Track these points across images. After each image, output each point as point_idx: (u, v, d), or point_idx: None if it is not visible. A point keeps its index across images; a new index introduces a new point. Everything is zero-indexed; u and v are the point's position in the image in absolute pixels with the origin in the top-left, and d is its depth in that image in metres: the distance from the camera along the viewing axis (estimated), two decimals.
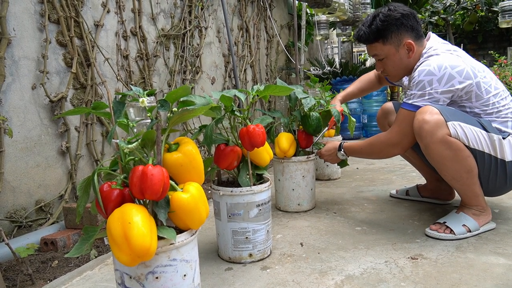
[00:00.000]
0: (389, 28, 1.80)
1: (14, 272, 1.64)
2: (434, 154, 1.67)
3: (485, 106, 1.73)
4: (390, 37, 1.81)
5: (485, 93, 1.72)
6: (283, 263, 1.56)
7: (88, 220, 1.91)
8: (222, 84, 3.84)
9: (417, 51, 1.83)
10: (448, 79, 1.67)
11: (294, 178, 2.15)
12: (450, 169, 1.68)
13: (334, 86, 4.91)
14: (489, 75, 1.78)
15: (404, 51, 1.83)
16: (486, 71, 1.78)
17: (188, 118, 1.13)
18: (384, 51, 1.85)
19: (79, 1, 2.30)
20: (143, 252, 0.91)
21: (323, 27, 5.27)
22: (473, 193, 1.72)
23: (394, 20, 1.79)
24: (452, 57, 1.71)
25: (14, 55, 1.97)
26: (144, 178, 0.95)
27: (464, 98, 1.73)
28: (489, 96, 1.72)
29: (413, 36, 1.82)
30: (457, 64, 1.68)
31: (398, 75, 1.94)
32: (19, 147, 1.99)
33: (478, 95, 1.72)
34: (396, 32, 1.80)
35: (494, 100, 1.73)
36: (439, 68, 1.67)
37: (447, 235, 1.70)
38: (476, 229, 1.72)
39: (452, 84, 1.67)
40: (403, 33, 1.80)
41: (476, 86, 1.70)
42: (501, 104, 1.73)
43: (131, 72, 2.69)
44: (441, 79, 1.67)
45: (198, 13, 3.40)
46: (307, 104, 2.04)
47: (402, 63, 1.86)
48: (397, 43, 1.82)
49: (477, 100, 1.72)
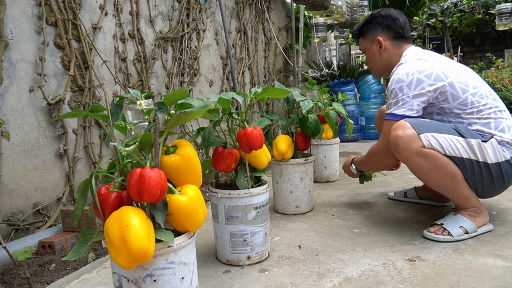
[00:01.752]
0: (367, 25, 2.06)
1: (11, 275, 1.63)
2: (413, 166, 1.73)
3: (463, 105, 1.76)
4: (367, 33, 2.06)
5: (462, 92, 1.76)
6: (281, 265, 1.56)
7: (86, 223, 1.90)
8: (220, 87, 3.84)
9: (391, 50, 2.00)
10: (417, 83, 1.76)
11: (292, 181, 2.16)
12: (432, 178, 1.72)
13: (332, 89, 4.91)
14: (466, 75, 1.81)
15: (376, 47, 2.03)
16: (463, 71, 1.83)
17: (186, 120, 1.13)
18: (363, 45, 2.11)
19: (77, 4, 2.30)
20: (141, 255, 0.91)
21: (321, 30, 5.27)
22: (463, 197, 1.74)
23: (372, 19, 2.04)
24: (420, 63, 1.81)
25: (12, 57, 1.97)
26: (141, 181, 0.95)
27: (441, 99, 1.79)
28: (466, 95, 1.76)
29: (388, 36, 2.00)
30: (424, 69, 1.77)
31: (376, 70, 2.11)
32: (16, 150, 1.99)
33: (454, 95, 1.76)
34: (372, 29, 2.04)
35: (473, 99, 1.76)
36: (406, 75, 1.78)
37: (445, 237, 1.70)
38: (473, 230, 1.73)
39: (422, 87, 1.76)
40: (377, 31, 2.02)
41: (450, 86, 1.76)
42: (481, 103, 1.76)
43: (129, 74, 2.69)
44: (410, 84, 1.76)
45: (196, 16, 3.41)
46: (305, 107, 2.04)
47: (375, 58, 2.05)
48: (371, 38, 2.04)
49: (454, 99, 1.77)
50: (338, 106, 2.49)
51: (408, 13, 5.92)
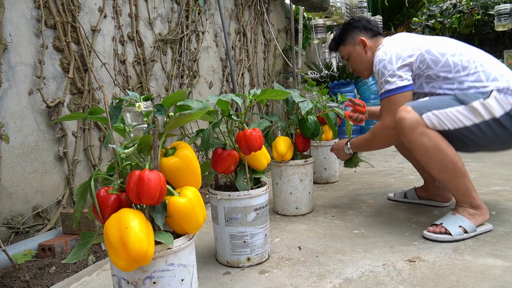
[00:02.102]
0: (345, 32, 2.16)
1: (11, 278, 1.63)
2: (417, 147, 1.75)
3: (446, 67, 1.81)
4: (347, 38, 2.15)
5: (440, 56, 1.83)
6: (281, 267, 1.55)
7: (86, 226, 1.90)
8: (219, 88, 3.85)
9: (373, 46, 2.09)
10: (397, 57, 1.86)
11: (292, 182, 2.16)
12: (435, 160, 1.74)
13: (332, 90, 4.91)
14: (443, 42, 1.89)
15: (360, 47, 2.12)
16: (440, 40, 1.91)
17: (185, 122, 1.13)
18: (346, 51, 2.18)
19: (76, 6, 2.30)
20: (140, 257, 0.91)
21: (320, 31, 5.27)
22: (464, 187, 1.75)
23: (348, 25, 2.16)
24: (395, 42, 1.94)
25: (11, 60, 1.97)
26: (141, 183, 0.95)
27: (423, 68, 1.86)
28: (446, 57, 1.82)
29: (367, 35, 2.11)
30: (400, 44, 1.90)
31: (365, 69, 2.16)
32: (16, 153, 1.99)
33: (434, 60, 1.83)
34: (350, 34, 2.14)
35: (454, 59, 1.81)
36: (385, 53, 1.90)
37: (444, 236, 1.71)
38: (472, 230, 1.73)
39: (402, 59, 1.86)
40: (356, 33, 2.12)
41: (427, 53, 1.84)
42: (463, 60, 1.80)
43: (128, 77, 2.70)
44: (391, 60, 1.87)
45: (195, 18, 3.41)
46: (305, 108, 2.04)
47: (361, 58, 2.13)
48: (353, 42, 2.13)
49: (435, 64, 1.83)
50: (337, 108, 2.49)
51: (407, 14, 5.93)
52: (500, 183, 2.58)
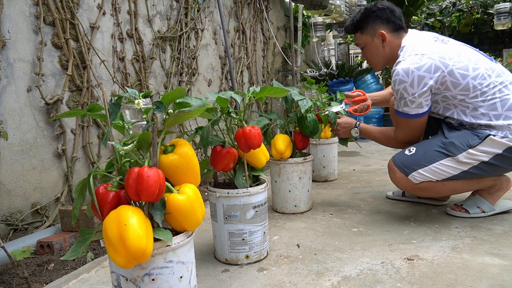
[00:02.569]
0: (366, 20, 2.01)
1: (10, 275, 1.63)
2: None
3: (465, 91, 1.79)
4: (367, 27, 2.02)
5: (461, 78, 1.78)
6: (280, 264, 1.56)
7: (84, 223, 1.90)
8: (218, 86, 3.84)
9: (393, 42, 1.99)
10: (419, 80, 1.78)
11: (291, 180, 2.16)
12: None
13: (331, 88, 4.91)
14: (466, 58, 1.81)
15: (379, 41, 2.01)
16: (462, 54, 1.82)
17: (184, 119, 1.13)
18: (363, 40, 2.06)
19: (75, 3, 2.30)
20: (139, 254, 0.91)
21: (320, 29, 5.28)
22: (476, 188, 1.95)
23: (370, 13, 2.00)
24: (417, 58, 1.80)
25: (9, 57, 1.97)
26: (139, 180, 0.95)
27: (442, 89, 1.82)
28: (467, 80, 1.77)
29: (389, 28, 1.99)
30: (423, 63, 1.78)
31: (379, 63, 2.10)
32: (14, 149, 1.98)
33: (454, 83, 1.79)
34: (371, 23, 2.00)
35: (475, 83, 1.77)
36: (407, 74, 1.80)
37: (462, 214, 1.94)
38: (490, 209, 1.94)
39: (424, 83, 1.79)
40: (378, 25, 1.99)
41: (449, 75, 1.78)
42: (483, 85, 1.77)
43: (127, 74, 2.69)
44: (413, 83, 1.79)
45: (194, 15, 3.40)
46: (304, 106, 2.03)
47: (378, 52, 2.04)
48: (372, 33, 2.01)
49: (455, 87, 1.79)
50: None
51: (407, 12, 5.92)
52: None
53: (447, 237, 1.74)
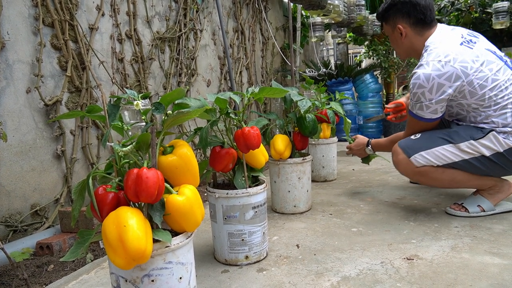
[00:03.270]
0: (388, 11, 2.08)
1: (9, 277, 1.63)
2: (419, 181, 2.03)
3: (480, 101, 1.83)
4: (389, 19, 2.10)
5: (479, 89, 1.80)
6: (279, 265, 1.56)
7: (84, 224, 1.90)
8: (217, 87, 3.84)
9: (413, 37, 2.03)
10: (438, 87, 1.81)
11: (290, 180, 2.16)
12: (439, 185, 1.98)
13: (330, 88, 4.91)
14: (487, 68, 1.82)
15: (397, 33, 2.07)
16: (484, 63, 1.82)
17: (183, 120, 1.13)
18: (386, 30, 2.17)
19: (74, 4, 2.30)
20: (138, 255, 0.91)
21: (318, 29, 5.27)
22: (476, 185, 1.96)
23: (392, 6, 2.05)
24: (440, 65, 1.81)
25: (8, 58, 1.97)
26: (139, 181, 0.95)
27: (459, 97, 1.85)
28: (484, 91, 1.80)
29: (409, 22, 2.01)
30: (444, 71, 1.79)
31: (401, 54, 2.20)
32: (13, 151, 1.98)
33: (472, 92, 1.82)
34: (392, 16, 2.06)
35: (491, 94, 1.81)
36: (427, 80, 1.81)
37: (462, 213, 1.95)
38: (490, 209, 1.94)
39: (443, 91, 1.81)
40: (398, 18, 2.04)
41: (468, 84, 1.80)
42: (499, 97, 1.81)
43: (126, 75, 2.69)
44: (432, 89, 1.82)
45: (193, 16, 3.40)
46: (303, 106, 2.04)
47: (398, 43, 2.11)
48: (393, 25, 2.08)
49: (471, 96, 1.83)
50: (335, 106, 2.49)
51: None
52: None
53: (447, 236, 1.74)
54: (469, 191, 2.19)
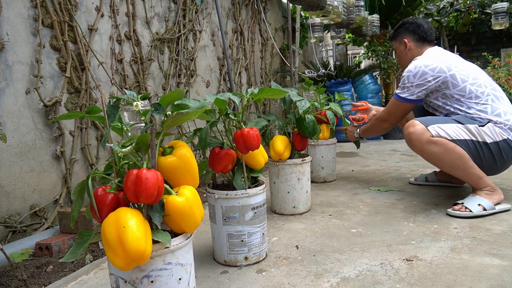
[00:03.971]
0: (398, 30, 2.49)
1: (8, 277, 1.63)
2: (428, 154, 2.06)
3: (462, 92, 2.12)
4: (398, 36, 2.49)
5: (461, 82, 2.12)
6: (279, 266, 1.56)
7: (83, 225, 1.90)
8: (217, 88, 3.84)
9: (414, 50, 2.40)
10: (421, 74, 2.17)
11: (289, 181, 2.16)
12: (445, 161, 2.02)
13: (329, 89, 4.92)
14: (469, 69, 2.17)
15: (403, 47, 2.45)
16: (467, 66, 2.19)
17: (182, 121, 1.13)
18: (394, 46, 2.56)
19: (73, 6, 2.30)
20: (138, 256, 0.91)
21: (318, 30, 5.27)
22: (476, 176, 2.03)
23: (402, 25, 2.47)
24: (429, 59, 2.20)
25: (8, 59, 1.97)
26: (138, 182, 0.95)
27: (443, 87, 2.16)
28: (465, 84, 2.11)
29: (413, 39, 2.40)
30: (431, 63, 2.16)
31: (404, 66, 2.46)
32: (13, 152, 1.98)
33: (454, 84, 2.13)
34: (401, 33, 2.47)
35: (471, 88, 2.11)
36: (415, 67, 2.20)
37: (466, 213, 1.96)
38: (490, 207, 1.98)
39: (424, 78, 2.16)
40: (404, 34, 2.44)
41: (451, 77, 2.13)
42: (479, 91, 2.10)
43: (126, 76, 2.69)
44: (416, 75, 2.18)
45: (192, 17, 3.40)
46: (302, 107, 2.04)
47: (402, 56, 2.49)
48: (400, 40, 2.47)
49: (454, 87, 2.14)
50: (335, 106, 2.50)
51: (405, 12, 5.93)
52: (497, 182, 2.59)
53: (446, 237, 1.74)
54: (466, 192, 2.18)
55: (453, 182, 2.55)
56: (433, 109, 2.31)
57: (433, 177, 2.64)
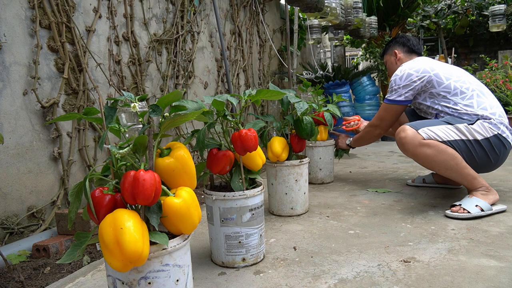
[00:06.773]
0: (389, 44, 2.70)
1: (5, 279, 1.63)
2: (420, 157, 2.09)
3: (447, 88, 2.21)
4: (388, 49, 2.69)
5: (445, 79, 2.22)
6: (276, 267, 1.56)
7: (81, 226, 1.90)
8: (215, 89, 3.84)
9: (403, 59, 2.56)
10: (407, 76, 2.29)
11: (287, 182, 2.16)
12: (439, 162, 2.05)
13: (327, 90, 4.92)
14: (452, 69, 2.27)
15: (393, 57, 2.64)
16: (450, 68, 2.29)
17: (180, 123, 1.13)
18: (385, 59, 2.73)
19: (71, 7, 2.30)
20: (135, 258, 0.91)
21: (316, 31, 5.27)
22: (470, 176, 2.05)
23: (393, 39, 2.69)
24: (413, 62, 2.34)
25: (5, 61, 1.97)
26: (135, 183, 0.95)
27: (429, 86, 2.26)
28: (449, 82, 2.21)
29: (403, 50, 2.60)
30: (414, 66, 2.30)
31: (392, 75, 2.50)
32: (10, 153, 1.98)
33: (438, 82, 2.23)
34: (391, 46, 2.66)
35: (456, 84, 2.20)
36: (401, 71, 2.34)
37: (465, 214, 1.97)
38: (488, 208, 2.00)
39: (410, 79, 2.28)
40: (395, 46, 2.64)
41: (435, 75, 2.24)
42: (463, 87, 2.19)
43: (124, 77, 2.69)
44: (402, 77, 2.31)
45: (190, 18, 3.40)
46: (300, 109, 2.04)
47: (392, 66, 2.65)
48: (390, 52, 2.66)
49: (439, 85, 2.23)
50: (332, 108, 2.50)
51: (402, 14, 5.94)
52: (495, 183, 2.60)
53: (444, 239, 1.74)
54: (464, 193, 2.19)
55: (450, 183, 2.57)
56: (424, 113, 2.39)
57: (431, 178, 2.67)
